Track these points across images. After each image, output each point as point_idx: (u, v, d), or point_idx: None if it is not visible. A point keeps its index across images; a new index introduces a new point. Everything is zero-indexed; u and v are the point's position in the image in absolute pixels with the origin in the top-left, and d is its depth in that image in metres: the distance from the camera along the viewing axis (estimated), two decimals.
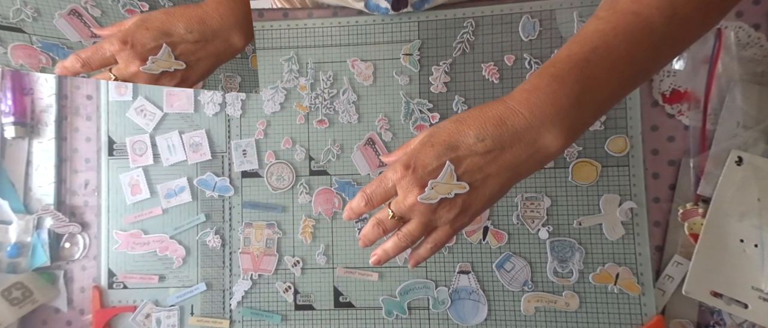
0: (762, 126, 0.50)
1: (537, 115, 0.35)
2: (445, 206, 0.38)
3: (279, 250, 0.59)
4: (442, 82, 0.57)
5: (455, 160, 0.37)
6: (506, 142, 0.36)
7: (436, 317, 0.56)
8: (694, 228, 0.51)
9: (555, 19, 0.55)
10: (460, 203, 0.37)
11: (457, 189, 0.37)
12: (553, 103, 0.35)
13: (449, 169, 0.37)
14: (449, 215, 0.38)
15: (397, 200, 0.39)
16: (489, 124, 0.36)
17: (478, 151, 0.36)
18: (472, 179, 0.37)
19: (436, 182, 0.37)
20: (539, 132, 0.35)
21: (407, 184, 0.38)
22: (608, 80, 0.36)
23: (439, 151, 0.37)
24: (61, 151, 0.64)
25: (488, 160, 0.36)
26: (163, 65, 0.38)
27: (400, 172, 0.38)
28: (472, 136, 0.36)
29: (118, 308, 0.60)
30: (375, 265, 0.42)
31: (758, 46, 0.51)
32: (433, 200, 0.37)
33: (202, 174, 0.61)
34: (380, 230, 0.40)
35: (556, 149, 0.36)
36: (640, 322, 0.53)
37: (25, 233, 0.62)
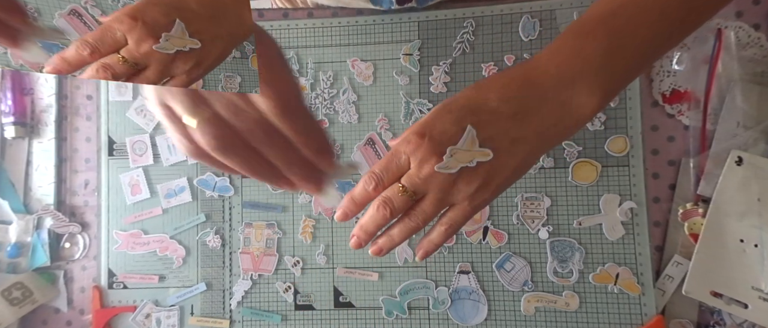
0: (762, 126, 0.50)
1: (565, 73, 0.32)
2: (465, 178, 0.33)
3: (279, 250, 0.59)
4: (442, 82, 0.57)
5: (477, 123, 0.32)
6: (533, 104, 0.32)
7: (436, 317, 0.56)
8: (694, 228, 0.51)
9: (555, 19, 0.55)
10: (483, 174, 0.33)
11: (479, 156, 0.32)
12: (581, 59, 0.32)
13: (471, 133, 0.32)
14: (469, 188, 0.33)
15: (410, 173, 0.34)
16: (513, 85, 0.33)
17: (503, 114, 0.32)
18: (496, 144, 0.32)
19: (456, 149, 0.32)
20: (569, 91, 0.32)
21: (423, 153, 0.33)
22: (639, 34, 0.32)
23: (458, 116, 0.33)
24: (61, 151, 0.64)
25: (514, 124, 0.32)
26: (178, 43, 0.34)
27: (414, 141, 0.33)
28: (494, 100, 0.33)
29: (118, 308, 0.60)
30: (376, 255, 0.37)
31: (758, 46, 0.51)
32: (453, 169, 0.32)
33: (202, 174, 0.61)
34: (386, 213, 0.34)
35: (590, 110, 0.32)
36: (640, 322, 0.53)
37: (25, 233, 0.62)
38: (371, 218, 0.35)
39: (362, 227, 0.36)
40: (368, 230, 0.36)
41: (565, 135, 0.34)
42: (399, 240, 0.36)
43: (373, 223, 0.35)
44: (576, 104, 0.32)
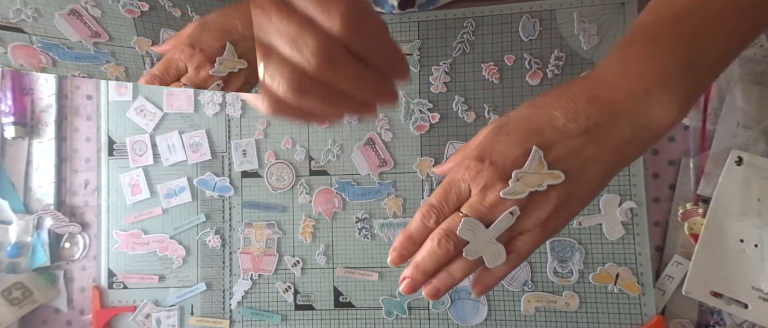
0: (762, 126, 0.50)
1: (638, 84, 0.29)
2: (536, 202, 0.30)
3: (279, 250, 0.59)
4: (442, 82, 0.57)
5: (543, 144, 0.30)
6: (604, 120, 0.29)
7: (436, 317, 0.56)
8: (694, 228, 0.51)
9: (555, 19, 0.55)
10: (556, 197, 0.30)
11: (550, 179, 0.29)
12: (655, 67, 0.29)
13: (538, 154, 0.30)
14: (541, 213, 0.30)
15: (473, 201, 0.31)
16: (579, 100, 0.30)
17: (572, 133, 0.30)
18: (567, 166, 0.30)
19: (523, 172, 0.29)
20: (645, 103, 0.29)
21: (486, 178, 0.30)
22: (719, 32, 0.29)
23: (520, 138, 0.30)
24: (61, 151, 0.64)
25: (585, 142, 0.29)
26: (229, 66, 0.36)
27: (474, 167, 0.30)
28: (560, 117, 0.30)
29: (118, 308, 0.60)
30: (431, 298, 0.32)
31: (758, 46, 0.51)
32: (521, 195, 0.30)
33: (202, 174, 0.61)
34: (450, 247, 0.30)
35: (669, 122, 0.29)
36: (640, 322, 0.53)
37: (25, 233, 0.62)
38: (431, 254, 0.31)
39: (419, 267, 0.32)
40: (427, 269, 0.31)
41: (643, 150, 0.31)
42: (459, 278, 0.32)
43: (433, 260, 0.31)
44: (654, 116, 0.29)
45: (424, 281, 0.32)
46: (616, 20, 0.54)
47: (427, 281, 0.32)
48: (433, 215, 0.31)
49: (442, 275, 0.32)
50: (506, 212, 0.30)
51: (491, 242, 0.31)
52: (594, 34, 0.54)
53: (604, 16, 0.54)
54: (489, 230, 0.30)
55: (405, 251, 0.32)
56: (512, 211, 0.30)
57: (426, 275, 0.32)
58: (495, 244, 0.31)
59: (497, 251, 0.31)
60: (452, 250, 0.31)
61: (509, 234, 0.31)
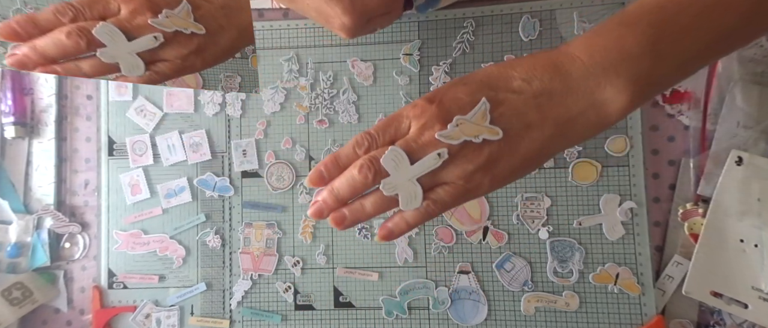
0: (762, 126, 0.50)
1: (597, 61, 0.28)
2: (466, 154, 0.30)
3: (279, 250, 0.59)
4: (442, 82, 0.57)
5: (492, 99, 0.30)
6: (557, 89, 0.29)
7: (436, 317, 0.56)
8: (694, 228, 0.51)
9: (555, 19, 0.55)
10: (487, 154, 0.29)
11: (487, 133, 0.29)
12: (618, 48, 0.28)
13: (484, 106, 0.29)
14: (468, 166, 0.30)
15: (408, 136, 0.30)
16: (538, 66, 0.30)
17: (522, 95, 0.30)
18: (508, 124, 0.29)
19: (463, 119, 0.29)
20: (598, 81, 0.28)
21: (427, 117, 0.30)
22: (695, 29, 0.28)
23: (474, 88, 0.30)
24: (61, 151, 0.64)
25: (532, 106, 0.29)
26: (179, 23, 0.31)
27: (421, 105, 0.30)
28: (516, 78, 0.30)
29: (118, 308, 0.60)
30: (336, 225, 0.31)
31: (758, 46, 0.51)
32: (455, 141, 0.29)
33: (202, 174, 0.61)
34: (369, 175, 0.30)
35: (617, 108, 0.29)
36: (640, 322, 0.53)
37: (25, 233, 0.62)
38: (349, 180, 0.30)
39: (333, 191, 0.31)
40: (340, 194, 0.31)
41: (586, 132, 0.30)
42: (371, 213, 0.31)
43: (348, 186, 0.30)
44: (603, 98, 0.29)
45: (335, 207, 0.31)
46: None
47: (338, 206, 0.31)
48: (366, 142, 0.31)
49: (355, 204, 0.31)
50: (433, 153, 0.29)
51: (412, 180, 0.30)
52: None
53: (604, 16, 0.54)
54: (412, 167, 0.30)
55: (327, 172, 0.31)
56: (440, 152, 0.29)
57: (338, 202, 0.31)
58: (414, 184, 0.30)
59: (414, 191, 0.30)
60: (371, 179, 0.30)
61: (431, 180, 0.30)
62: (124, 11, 0.31)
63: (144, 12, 0.31)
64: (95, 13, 0.31)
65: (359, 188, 0.30)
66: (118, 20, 0.31)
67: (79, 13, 0.29)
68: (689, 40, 0.28)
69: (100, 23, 0.29)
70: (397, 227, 0.32)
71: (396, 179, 0.30)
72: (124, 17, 0.31)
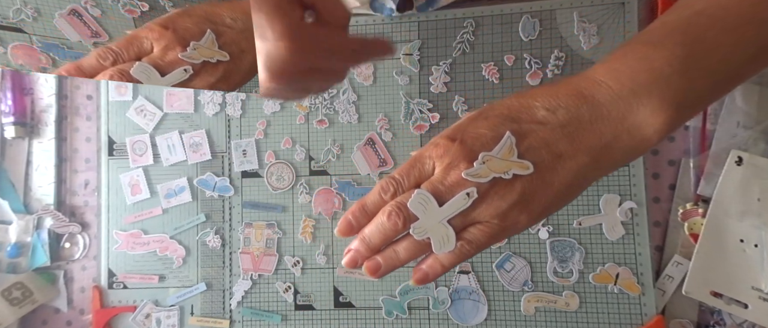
0: (762, 126, 0.50)
1: (626, 85, 0.27)
2: (498, 191, 0.28)
3: (279, 250, 0.59)
4: (442, 82, 0.57)
5: (517, 131, 0.28)
6: (585, 117, 0.28)
7: (436, 317, 0.56)
8: (694, 228, 0.51)
9: (555, 19, 0.55)
10: (520, 189, 0.28)
11: (517, 168, 0.28)
12: (647, 70, 0.27)
13: (509, 140, 0.28)
14: (502, 204, 0.28)
15: (433, 178, 0.29)
16: (562, 95, 0.28)
17: (549, 125, 0.28)
18: (538, 157, 0.28)
19: (490, 155, 0.28)
20: (630, 105, 0.27)
21: (451, 157, 0.29)
22: (727, 45, 0.26)
23: (496, 123, 0.29)
24: (61, 151, 0.64)
25: (561, 136, 0.28)
26: (206, 53, 0.33)
27: (443, 144, 0.29)
28: (540, 108, 0.29)
29: (118, 308, 0.60)
30: (371, 274, 0.31)
31: None
32: (484, 179, 0.28)
33: (202, 174, 0.61)
34: (399, 222, 0.29)
35: (653, 130, 0.27)
36: (640, 322, 0.53)
37: (25, 233, 0.62)
38: (379, 227, 0.30)
39: (365, 240, 0.30)
40: (372, 243, 0.30)
41: (624, 158, 0.29)
42: (405, 259, 0.30)
43: (379, 234, 0.30)
44: (638, 121, 0.27)
45: (369, 256, 0.31)
46: (616, 20, 0.54)
47: (371, 256, 0.31)
48: (392, 187, 0.30)
49: (388, 251, 0.30)
50: (462, 193, 0.28)
51: (442, 223, 0.29)
52: (594, 34, 0.54)
53: (604, 16, 0.54)
54: (441, 209, 0.28)
55: (355, 221, 0.31)
56: (469, 192, 0.28)
57: (371, 250, 0.30)
58: (445, 226, 0.29)
59: (446, 234, 0.29)
60: (401, 225, 0.29)
61: (463, 221, 0.29)
62: (157, 49, 0.33)
63: (174, 47, 0.33)
64: (131, 54, 0.34)
65: (390, 235, 0.30)
66: (152, 58, 0.33)
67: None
68: (722, 58, 0.27)
69: (136, 63, 0.31)
70: (433, 270, 0.31)
71: (426, 223, 0.29)
72: (157, 55, 0.33)
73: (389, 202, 0.30)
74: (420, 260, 0.31)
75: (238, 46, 0.34)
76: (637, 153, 0.28)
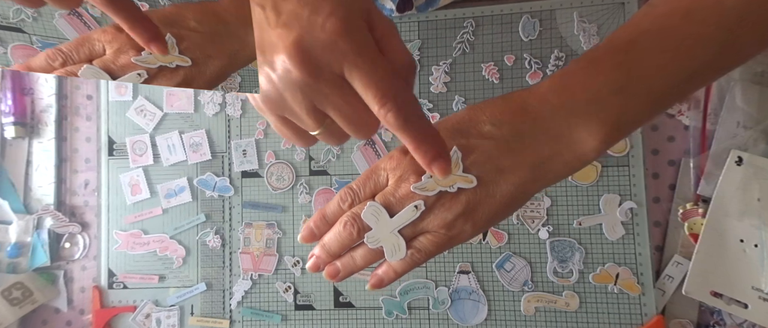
0: (762, 126, 0.50)
1: (565, 104, 0.28)
2: (444, 203, 0.30)
3: (279, 250, 0.59)
4: (442, 82, 0.57)
5: (464, 146, 0.30)
6: (526, 132, 0.29)
7: (436, 317, 0.56)
8: (694, 228, 0.51)
9: (555, 19, 0.55)
10: (464, 202, 0.30)
11: (461, 182, 0.29)
12: (586, 92, 0.28)
13: (456, 155, 0.30)
14: (448, 215, 0.30)
15: (386, 190, 0.31)
16: (507, 109, 0.30)
17: (493, 139, 0.30)
18: (482, 171, 0.30)
19: None
20: (568, 123, 0.28)
21: (402, 170, 0.31)
22: (666, 66, 0.27)
23: (446, 136, 0.30)
24: (61, 151, 0.64)
25: (503, 151, 0.29)
26: (163, 59, 0.32)
27: (396, 157, 0.31)
28: (486, 122, 0.30)
29: (118, 308, 0.60)
30: (331, 278, 0.33)
31: None
32: (431, 192, 0.30)
33: (202, 174, 0.61)
34: (353, 231, 0.31)
35: (590, 148, 0.28)
36: (640, 322, 0.53)
37: (25, 233, 0.62)
38: (336, 236, 0.32)
39: (324, 246, 0.32)
40: (331, 249, 0.32)
41: (562, 173, 0.30)
42: (361, 265, 0.32)
43: (337, 242, 0.32)
44: (575, 139, 0.28)
45: (329, 261, 0.33)
46: (616, 20, 0.54)
47: (331, 261, 0.33)
48: (349, 198, 0.32)
49: (346, 258, 0.33)
50: (411, 205, 0.30)
51: (393, 233, 0.31)
52: (594, 34, 0.54)
53: (604, 16, 0.54)
54: (392, 220, 0.31)
55: (316, 229, 0.33)
56: (417, 205, 0.30)
57: (331, 256, 0.33)
58: (396, 236, 0.31)
59: (397, 243, 0.31)
60: (356, 234, 0.31)
61: (413, 230, 0.31)
62: (109, 51, 0.32)
63: (127, 50, 0.32)
64: (81, 56, 0.32)
65: (347, 243, 0.32)
66: (103, 61, 0.32)
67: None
68: (661, 78, 0.28)
69: (84, 65, 0.30)
70: (387, 275, 0.33)
71: (378, 233, 0.31)
72: (109, 58, 0.32)
73: (346, 210, 0.32)
74: (376, 266, 0.33)
75: (203, 51, 0.33)
76: (576, 167, 0.30)
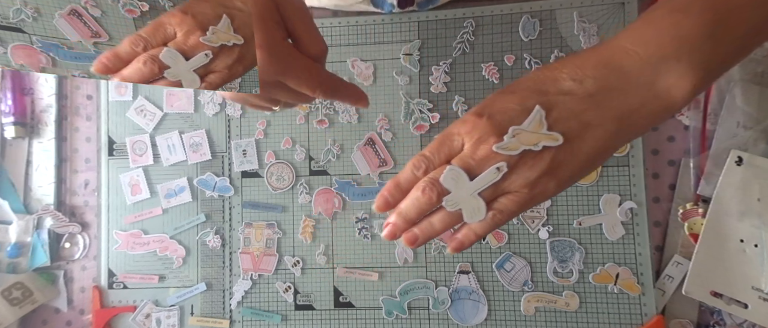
0: (762, 126, 0.50)
1: (654, 51, 0.28)
2: (527, 162, 0.29)
3: (279, 250, 0.59)
4: (442, 82, 0.57)
5: (545, 104, 0.29)
6: (614, 85, 0.28)
7: (436, 317, 0.56)
8: (694, 228, 0.51)
9: (555, 19, 0.55)
10: (549, 160, 0.29)
11: (547, 140, 0.28)
12: (675, 35, 0.27)
13: (539, 114, 0.29)
14: (532, 174, 0.29)
15: (463, 154, 0.30)
16: (588, 64, 0.29)
17: (576, 95, 0.29)
18: (566, 127, 0.29)
19: (520, 129, 0.29)
20: (658, 70, 0.28)
21: (480, 132, 0.29)
22: (750, 6, 0.27)
23: (523, 96, 0.29)
24: (61, 151, 0.64)
25: (589, 106, 0.28)
26: (223, 37, 0.35)
27: (471, 121, 0.30)
28: (567, 79, 0.29)
29: (118, 308, 0.60)
30: (410, 245, 0.32)
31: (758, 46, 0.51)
32: (514, 151, 0.29)
33: (202, 174, 0.61)
34: (432, 195, 0.30)
35: (682, 95, 0.28)
36: (640, 322, 0.53)
37: (25, 233, 0.62)
38: (414, 202, 0.31)
39: (401, 214, 0.32)
40: (408, 216, 0.31)
41: (650, 123, 0.29)
42: (440, 229, 0.32)
43: (415, 208, 0.31)
44: (666, 86, 0.28)
45: (406, 228, 0.32)
46: (616, 20, 0.54)
47: (408, 228, 0.32)
48: (423, 164, 0.31)
49: (423, 223, 0.32)
50: (492, 167, 0.29)
51: (473, 195, 0.30)
52: (594, 34, 0.54)
53: (604, 16, 0.54)
54: (472, 183, 0.30)
55: (391, 197, 0.32)
56: (499, 166, 0.29)
57: (408, 223, 0.32)
58: (476, 198, 0.30)
59: (477, 205, 0.30)
60: (435, 199, 0.30)
61: (494, 192, 0.30)
62: (179, 34, 0.36)
63: (195, 31, 0.35)
64: (158, 40, 0.36)
65: (425, 208, 0.31)
66: (176, 43, 0.36)
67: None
68: (748, 18, 0.27)
69: (164, 48, 0.35)
70: (467, 238, 0.32)
71: (457, 196, 0.30)
72: (181, 40, 0.36)
73: (421, 177, 0.31)
74: (455, 230, 0.32)
75: (250, 29, 0.36)
76: (663, 117, 0.29)
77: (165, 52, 0.35)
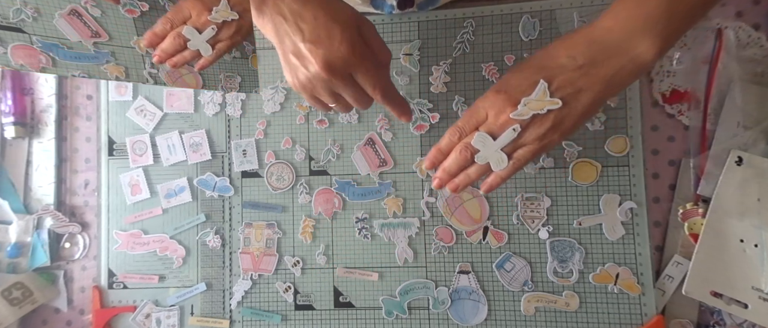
0: (762, 126, 0.50)
1: (627, 28, 0.37)
2: (536, 122, 0.39)
3: (279, 250, 0.59)
4: (442, 82, 0.57)
5: (547, 77, 0.38)
6: (598, 57, 0.37)
7: (436, 317, 0.56)
8: (694, 228, 0.51)
9: (555, 19, 0.55)
10: (552, 118, 0.38)
11: (549, 105, 0.38)
12: (642, 14, 0.36)
13: (543, 86, 0.38)
14: (539, 130, 0.39)
15: (488, 122, 0.40)
16: (579, 44, 0.38)
17: (570, 68, 0.38)
18: (564, 93, 0.38)
19: (529, 99, 0.38)
20: (631, 43, 0.37)
21: (500, 105, 0.39)
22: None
23: (530, 73, 0.39)
24: (61, 151, 0.64)
25: (580, 75, 0.38)
26: (223, 15, 0.47)
27: (492, 96, 0.40)
28: (563, 56, 0.38)
29: (118, 308, 0.60)
30: (453, 191, 0.43)
31: (758, 46, 0.51)
32: (526, 116, 0.38)
33: (202, 174, 0.61)
34: (467, 154, 0.41)
35: (651, 57, 0.37)
36: (640, 322, 0.53)
37: (25, 233, 0.62)
38: (454, 160, 0.42)
39: (445, 169, 0.43)
40: (451, 170, 0.42)
41: (628, 81, 0.38)
42: (475, 178, 0.42)
43: (455, 164, 0.42)
44: (638, 53, 0.37)
45: (449, 180, 0.43)
46: None
47: (450, 179, 0.43)
48: (458, 133, 0.42)
49: (462, 175, 0.43)
50: (510, 128, 0.39)
51: (497, 151, 0.40)
52: None
53: None
54: (496, 142, 0.40)
55: (435, 160, 0.43)
56: (514, 128, 0.39)
57: (450, 176, 0.43)
58: (499, 153, 0.40)
59: (501, 157, 0.40)
60: (469, 157, 0.41)
61: (513, 147, 0.40)
62: (194, 15, 0.47)
63: (203, 12, 0.47)
64: (179, 20, 0.47)
65: (462, 165, 0.42)
66: (193, 22, 0.47)
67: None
68: None
69: (185, 27, 0.47)
70: (494, 180, 0.42)
71: (485, 153, 0.41)
72: (195, 19, 0.47)
73: (456, 143, 0.42)
74: (485, 178, 0.43)
75: (243, 6, 0.47)
76: (639, 75, 0.38)
77: (186, 30, 0.46)
